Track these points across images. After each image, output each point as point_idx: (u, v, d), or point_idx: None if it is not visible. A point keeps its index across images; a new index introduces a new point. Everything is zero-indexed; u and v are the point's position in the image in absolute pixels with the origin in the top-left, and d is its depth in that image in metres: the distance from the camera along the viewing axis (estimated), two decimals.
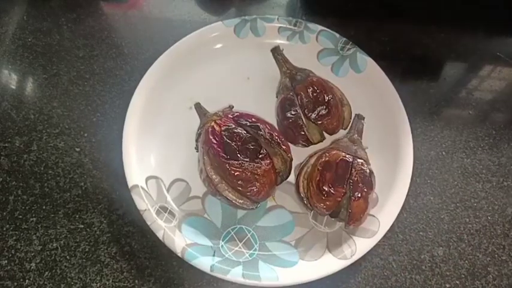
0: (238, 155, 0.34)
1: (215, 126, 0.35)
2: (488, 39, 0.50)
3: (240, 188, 0.34)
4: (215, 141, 0.34)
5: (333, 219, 0.37)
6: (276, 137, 0.35)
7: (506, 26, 0.51)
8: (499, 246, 0.39)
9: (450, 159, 0.43)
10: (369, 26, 0.50)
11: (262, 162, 0.34)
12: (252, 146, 0.34)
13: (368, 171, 0.35)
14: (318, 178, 0.35)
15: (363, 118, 0.40)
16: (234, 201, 0.34)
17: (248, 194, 0.34)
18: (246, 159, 0.34)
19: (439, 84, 0.47)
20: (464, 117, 0.46)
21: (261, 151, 0.34)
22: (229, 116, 0.36)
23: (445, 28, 0.50)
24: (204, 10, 0.52)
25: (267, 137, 0.35)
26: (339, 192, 0.34)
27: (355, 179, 0.34)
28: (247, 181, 0.33)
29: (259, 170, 0.34)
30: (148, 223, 0.35)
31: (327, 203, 0.34)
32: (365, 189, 0.34)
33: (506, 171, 0.42)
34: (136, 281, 0.37)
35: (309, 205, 0.36)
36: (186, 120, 0.42)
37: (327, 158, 0.35)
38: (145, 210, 0.35)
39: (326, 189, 0.34)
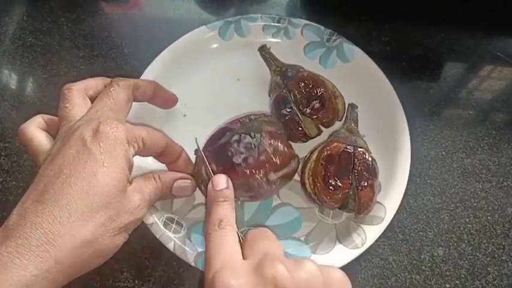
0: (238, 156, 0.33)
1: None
2: (488, 39, 0.50)
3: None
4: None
5: (341, 211, 0.37)
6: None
7: (506, 26, 0.51)
8: (499, 246, 0.39)
9: (450, 159, 0.43)
10: (368, 26, 0.50)
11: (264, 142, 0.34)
12: (245, 143, 0.34)
13: (370, 159, 0.35)
14: (323, 173, 0.35)
15: (356, 107, 0.40)
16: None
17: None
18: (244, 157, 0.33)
19: (439, 84, 0.47)
20: (464, 117, 0.46)
21: (253, 137, 0.34)
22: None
23: (445, 28, 0.50)
24: (204, 10, 0.52)
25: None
26: (345, 184, 0.34)
27: (359, 168, 0.34)
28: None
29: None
30: (157, 236, 0.34)
31: (335, 196, 0.34)
32: (370, 178, 0.34)
33: (506, 171, 0.42)
34: (136, 281, 0.37)
35: (317, 201, 0.36)
36: (181, 128, 0.41)
37: (329, 152, 0.35)
38: (152, 223, 0.35)
39: (333, 182, 0.34)
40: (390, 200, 0.36)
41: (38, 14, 0.52)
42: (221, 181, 0.31)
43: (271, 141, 0.34)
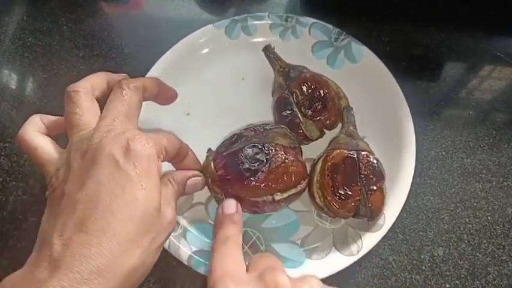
0: (254, 166, 0.32)
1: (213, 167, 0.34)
2: (488, 39, 0.50)
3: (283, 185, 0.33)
4: (223, 172, 0.33)
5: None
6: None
7: (506, 26, 0.51)
8: (499, 246, 0.39)
9: (450, 159, 0.43)
10: (368, 26, 0.50)
11: (277, 157, 0.33)
12: (257, 154, 0.33)
13: (375, 161, 0.35)
14: (330, 184, 0.34)
15: (352, 109, 0.39)
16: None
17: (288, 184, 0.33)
18: (261, 166, 0.33)
19: (439, 84, 0.47)
20: (464, 117, 0.46)
21: (267, 150, 0.33)
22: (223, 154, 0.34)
23: (445, 28, 0.50)
24: (204, 10, 0.52)
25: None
26: (355, 191, 0.34)
27: (366, 172, 0.34)
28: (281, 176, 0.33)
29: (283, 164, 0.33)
30: None
31: (348, 205, 0.34)
32: (378, 181, 0.34)
33: (506, 171, 0.42)
34: None
35: (330, 214, 0.35)
36: (185, 126, 0.41)
37: (333, 161, 0.35)
38: None
39: (342, 192, 0.34)
40: (390, 207, 0.36)
41: (38, 14, 0.52)
42: (231, 206, 0.31)
43: (284, 157, 0.33)
